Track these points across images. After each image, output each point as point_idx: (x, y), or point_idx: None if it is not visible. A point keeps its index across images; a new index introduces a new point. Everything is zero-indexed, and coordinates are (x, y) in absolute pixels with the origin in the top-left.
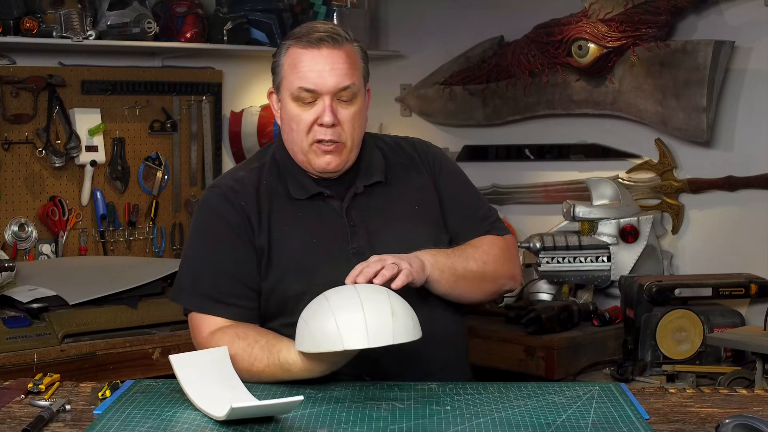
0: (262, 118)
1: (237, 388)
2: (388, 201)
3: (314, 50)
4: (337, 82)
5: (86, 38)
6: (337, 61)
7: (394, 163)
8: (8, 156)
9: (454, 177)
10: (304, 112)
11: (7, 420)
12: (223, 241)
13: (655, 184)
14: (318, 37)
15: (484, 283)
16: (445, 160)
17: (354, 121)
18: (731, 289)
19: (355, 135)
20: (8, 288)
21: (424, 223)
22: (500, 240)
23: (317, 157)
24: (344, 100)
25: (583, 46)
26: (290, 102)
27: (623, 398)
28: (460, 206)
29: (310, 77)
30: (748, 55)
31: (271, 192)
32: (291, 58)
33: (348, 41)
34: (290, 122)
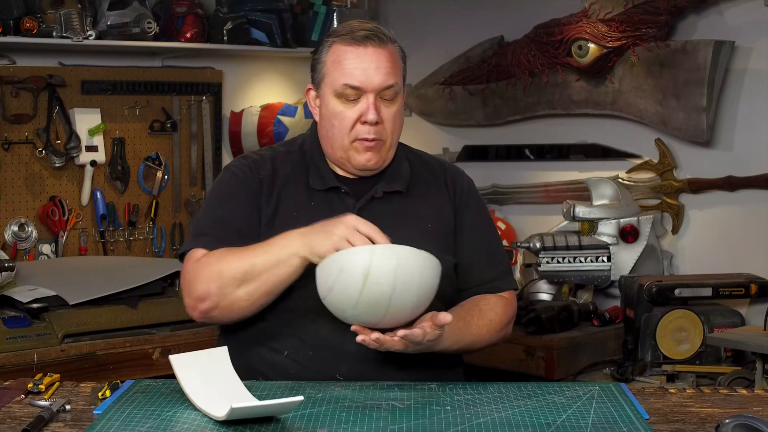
0: (262, 118)
1: (237, 388)
2: (402, 211)
3: (360, 48)
4: (383, 80)
5: (86, 38)
6: (382, 60)
7: (419, 178)
8: (8, 156)
9: (479, 212)
10: (348, 109)
11: (7, 420)
12: (234, 199)
13: (655, 184)
14: (363, 35)
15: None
16: (474, 192)
17: (395, 120)
18: (731, 289)
19: (394, 134)
20: (8, 288)
21: (433, 242)
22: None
23: (358, 153)
24: (387, 99)
25: (583, 46)
26: (332, 99)
27: (623, 398)
28: (479, 241)
29: (355, 74)
30: (748, 55)
31: (290, 177)
32: (335, 55)
33: (391, 41)
34: (331, 119)
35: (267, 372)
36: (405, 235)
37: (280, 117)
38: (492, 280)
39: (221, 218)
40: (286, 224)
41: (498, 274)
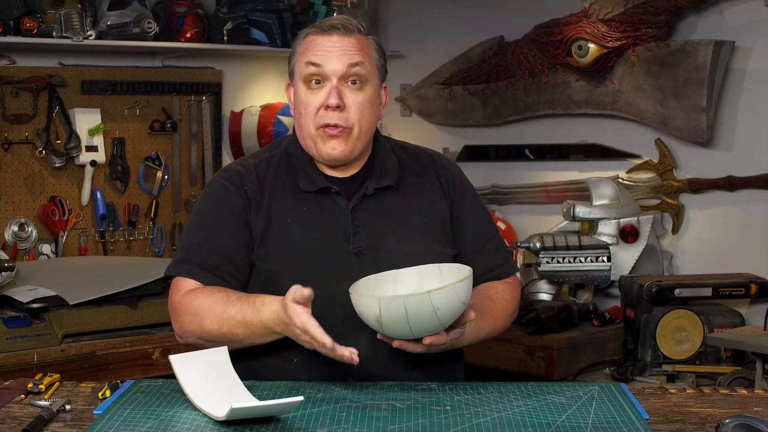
0: (262, 118)
1: (237, 388)
2: (396, 207)
3: (325, 36)
4: (344, 62)
5: (86, 38)
6: (346, 46)
7: (409, 171)
8: (8, 156)
9: (473, 200)
10: (312, 95)
11: (7, 420)
12: (220, 219)
13: (655, 184)
14: (330, 24)
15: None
16: (465, 181)
17: (363, 108)
18: (731, 289)
19: (363, 122)
20: (8, 288)
21: (430, 234)
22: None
23: (323, 142)
24: (352, 85)
25: (583, 46)
26: (301, 86)
27: (623, 398)
28: (479, 230)
29: (318, 54)
30: (748, 55)
31: (277, 183)
32: (304, 45)
33: (360, 32)
34: (300, 107)
35: (274, 378)
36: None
37: (280, 117)
38: (496, 267)
39: (206, 241)
40: (281, 234)
41: (501, 260)
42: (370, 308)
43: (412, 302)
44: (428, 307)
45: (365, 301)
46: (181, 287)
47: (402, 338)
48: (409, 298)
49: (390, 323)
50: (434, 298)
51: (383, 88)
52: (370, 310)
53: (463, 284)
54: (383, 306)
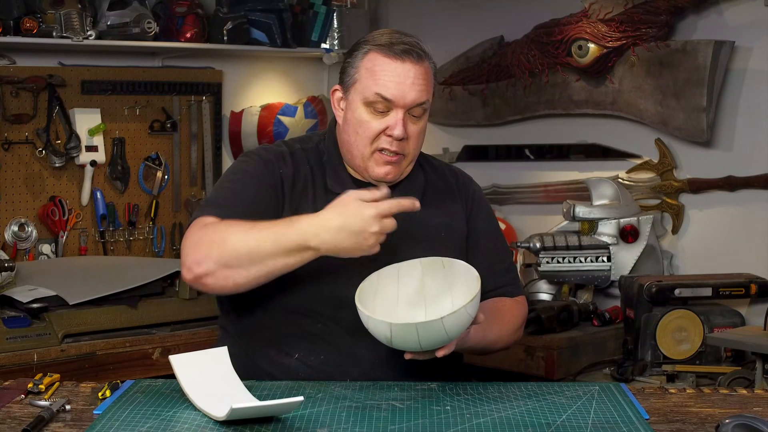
0: (262, 118)
1: (237, 388)
2: (417, 220)
3: (398, 62)
4: (416, 97)
5: (86, 38)
6: (418, 77)
7: (433, 186)
8: (8, 156)
9: (489, 219)
10: (374, 120)
11: (7, 420)
12: (252, 181)
13: (655, 184)
14: (403, 49)
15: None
16: (483, 200)
17: (420, 136)
18: (731, 289)
19: (416, 150)
20: (8, 288)
21: (445, 249)
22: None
23: (377, 165)
24: (415, 116)
25: (583, 46)
26: (361, 106)
27: (623, 398)
28: (490, 250)
29: (389, 87)
30: (748, 55)
31: (308, 177)
32: (371, 63)
33: (428, 58)
34: (356, 126)
35: (275, 374)
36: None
37: (280, 117)
38: (504, 286)
39: (235, 194)
40: None
41: (509, 280)
42: (380, 331)
43: (424, 328)
44: (440, 330)
45: (375, 324)
46: (204, 221)
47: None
48: (421, 325)
49: (400, 343)
50: (447, 322)
51: None
52: (381, 333)
53: (474, 303)
54: (395, 331)
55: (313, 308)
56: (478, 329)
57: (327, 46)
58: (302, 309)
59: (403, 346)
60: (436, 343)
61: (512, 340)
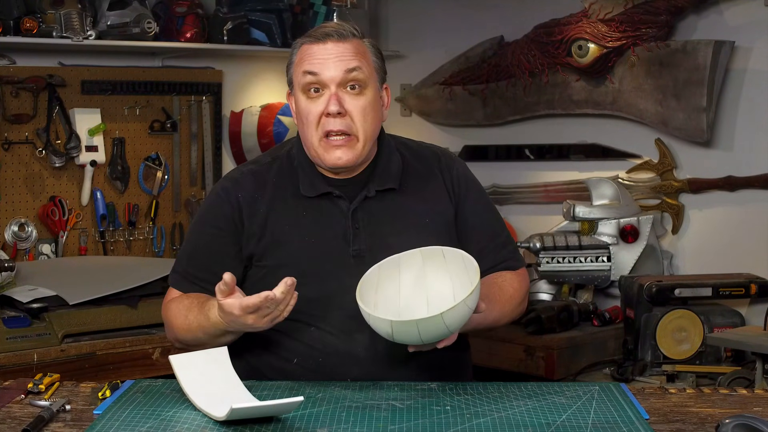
0: (262, 118)
1: (237, 388)
2: (398, 208)
3: (320, 44)
4: (341, 68)
5: (86, 38)
6: (342, 52)
7: (412, 171)
8: (8, 156)
9: (479, 197)
10: (312, 104)
11: (7, 420)
12: (206, 229)
13: (655, 184)
14: (324, 32)
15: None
16: (471, 178)
17: (365, 113)
18: (731, 289)
19: (367, 128)
20: (8, 288)
21: (432, 236)
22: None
23: (327, 152)
24: (351, 91)
25: (583, 46)
26: (300, 96)
27: (623, 398)
28: (483, 227)
29: (314, 63)
30: (748, 55)
31: (278, 188)
32: (300, 55)
33: (355, 36)
34: (302, 117)
35: (276, 378)
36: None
37: (280, 117)
38: (503, 261)
39: (194, 252)
40: (279, 239)
41: (507, 255)
42: (382, 328)
43: (425, 324)
44: (440, 325)
45: (377, 321)
46: (167, 297)
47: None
48: (422, 322)
49: (402, 339)
50: (447, 317)
51: (384, 90)
52: (382, 329)
53: (473, 296)
54: (395, 327)
55: (305, 312)
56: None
57: None
58: (295, 316)
59: (404, 340)
60: (437, 337)
61: (516, 314)
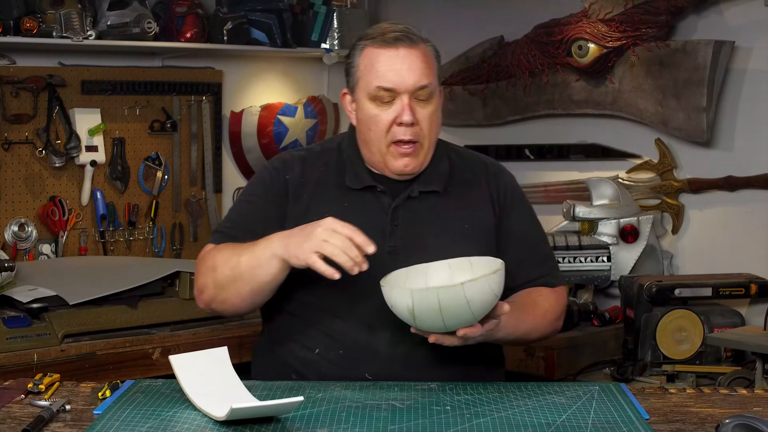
0: (262, 118)
1: (237, 388)
2: (439, 211)
3: (391, 50)
4: (416, 80)
5: (86, 38)
6: (414, 60)
7: (458, 177)
8: (8, 156)
9: (524, 210)
10: (383, 112)
11: (7, 420)
12: (254, 199)
13: (655, 184)
14: (394, 37)
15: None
16: (518, 191)
17: (431, 120)
18: (731, 289)
19: (431, 135)
20: (8, 288)
21: (469, 241)
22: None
23: (395, 159)
24: (421, 99)
25: (583, 46)
26: (367, 102)
27: (623, 398)
28: (526, 241)
29: (388, 76)
30: (748, 55)
31: (324, 176)
32: (368, 58)
33: (422, 41)
34: (368, 123)
35: (299, 368)
36: (440, 235)
37: (280, 117)
38: (541, 277)
39: (239, 217)
40: None
41: (546, 271)
42: (402, 301)
43: (445, 294)
44: (462, 299)
45: (398, 294)
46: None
47: (435, 331)
48: (442, 290)
49: (423, 316)
50: (467, 289)
51: (440, 92)
52: (403, 303)
53: (496, 275)
54: (416, 298)
55: (331, 304)
56: (509, 320)
57: (327, 46)
58: (321, 305)
59: (426, 320)
60: (459, 319)
61: (549, 331)
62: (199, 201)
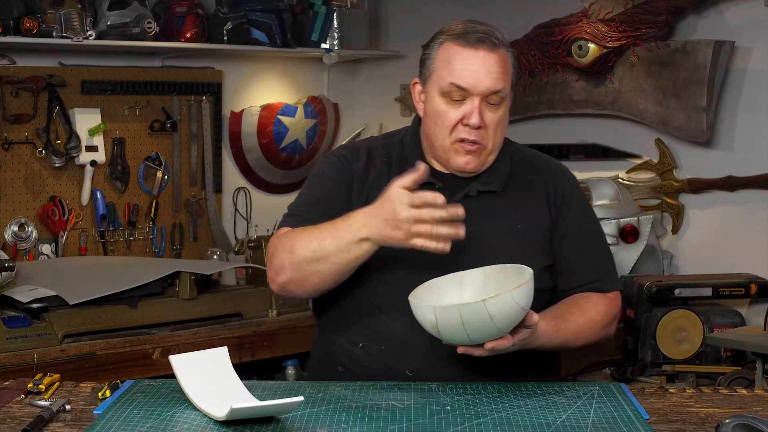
0: (262, 118)
1: (237, 388)
2: (493, 211)
3: (471, 50)
4: (490, 85)
5: (86, 38)
6: (492, 64)
7: (517, 177)
8: (8, 156)
9: (583, 212)
10: (452, 109)
11: (7, 420)
12: (324, 182)
13: (655, 184)
14: (477, 38)
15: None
16: (578, 192)
17: (499, 125)
18: (731, 289)
19: (497, 139)
20: (8, 288)
21: (521, 242)
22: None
23: (457, 155)
24: (492, 104)
25: (583, 46)
26: (438, 97)
27: (623, 398)
28: (581, 243)
29: (464, 76)
30: (748, 55)
31: (385, 169)
32: (446, 53)
33: (504, 46)
34: (435, 117)
35: (345, 361)
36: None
37: (280, 117)
38: (595, 281)
39: (313, 200)
40: None
41: (601, 275)
42: (426, 317)
43: (467, 311)
44: (484, 315)
45: (422, 310)
46: (280, 233)
47: (462, 344)
48: (464, 307)
49: (447, 331)
50: (490, 305)
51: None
52: (427, 319)
53: (521, 289)
54: (439, 315)
55: (376, 299)
56: (548, 327)
57: (327, 46)
58: (365, 300)
59: (450, 335)
60: (484, 333)
61: (597, 338)
62: (199, 201)
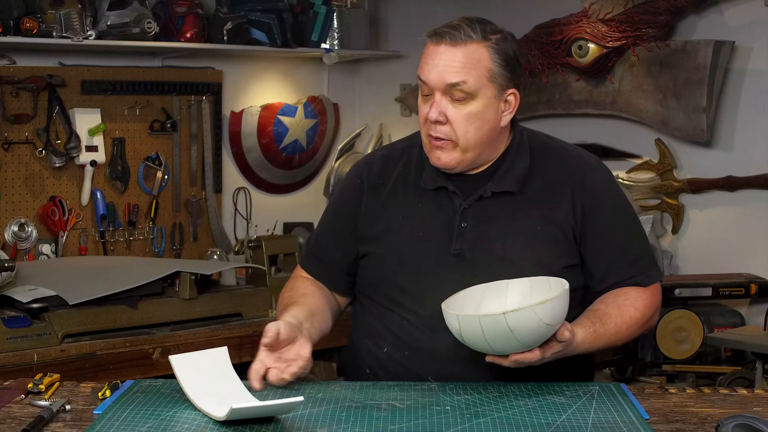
0: (262, 118)
1: (237, 388)
2: (511, 212)
3: (434, 45)
4: (447, 79)
5: (86, 38)
6: (451, 59)
7: (537, 176)
8: (8, 156)
9: (614, 208)
10: (424, 105)
11: (7, 420)
12: (330, 210)
13: (655, 184)
14: (440, 32)
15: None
16: (609, 187)
17: (468, 121)
18: (731, 289)
19: (470, 136)
20: (8, 288)
21: (540, 244)
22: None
23: (431, 151)
24: (456, 99)
25: (583, 46)
26: (419, 93)
27: (623, 398)
28: (615, 241)
29: (424, 70)
30: (748, 55)
31: (402, 175)
32: (423, 51)
33: (474, 40)
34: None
35: (372, 364)
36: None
37: (280, 117)
38: (632, 277)
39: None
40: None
41: (639, 270)
42: (451, 324)
43: (487, 322)
44: (504, 328)
45: (448, 317)
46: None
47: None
48: (484, 318)
49: (471, 340)
50: (510, 319)
51: (510, 94)
52: (452, 325)
53: (546, 306)
54: (462, 323)
55: (398, 303)
56: (586, 335)
57: (327, 46)
58: (390, 305)
59: (474, 344)
60: (506, 346)
61: (639, 332)
62: (199, 201)
